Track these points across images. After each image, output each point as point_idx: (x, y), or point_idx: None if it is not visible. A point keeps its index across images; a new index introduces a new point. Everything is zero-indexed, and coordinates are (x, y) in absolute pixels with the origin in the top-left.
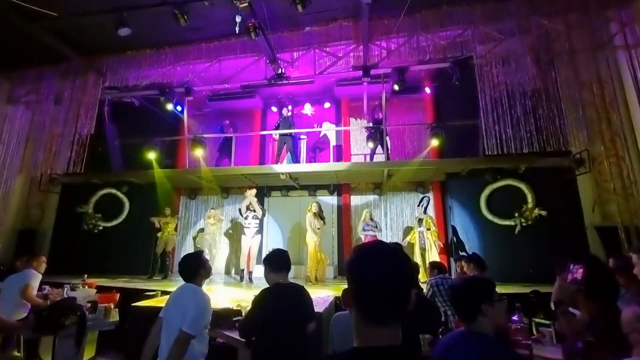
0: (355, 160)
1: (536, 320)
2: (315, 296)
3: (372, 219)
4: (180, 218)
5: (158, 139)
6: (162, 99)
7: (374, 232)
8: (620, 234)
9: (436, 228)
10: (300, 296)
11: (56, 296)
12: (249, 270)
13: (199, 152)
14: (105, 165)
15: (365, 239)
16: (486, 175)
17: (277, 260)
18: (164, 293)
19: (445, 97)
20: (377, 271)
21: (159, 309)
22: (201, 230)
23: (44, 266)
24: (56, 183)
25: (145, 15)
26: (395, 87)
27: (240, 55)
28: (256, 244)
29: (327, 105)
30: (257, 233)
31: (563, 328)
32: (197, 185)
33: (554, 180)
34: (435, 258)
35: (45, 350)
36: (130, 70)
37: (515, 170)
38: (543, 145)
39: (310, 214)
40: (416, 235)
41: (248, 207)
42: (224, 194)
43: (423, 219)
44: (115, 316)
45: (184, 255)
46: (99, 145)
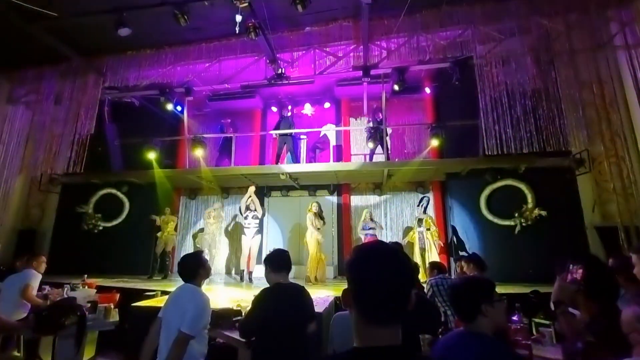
0: (355, 160)
1: (536, 320)
2: (315, 296)
3: (372, 219)
4: (180, 218)
5: (158, 139)
6: (162, 99)
7: (374, 232)
8: (620, 234)
9: (436, 228)
10: (300, 296)
11: (56, 296)
12: (249, 270)
13: (199, 152)
14: (105, 165)
15: (365, 239)
16: (486, 175)
17: (278, 260)
18: (164, 293)
19: (445, 97)
20: (377, 271)
21: (159, 309)
22: (201, 231)
23: (44, 266)
24: (56, 183)
25: (145, 15)
26: (395, 87)
27: (240, 55)
28: (256, 244)
29: (327, 105)
30: (257, 233)
31: (563, 328)
32: (197, 185)
33: (554, 180)
34: (435, 258)
35: (45, 350)
36: (130, 70)
37: (515, 170)
38: (543, 145)
39: (310, 214)
40: (416, 235)
41: (248, 207)
42: (224, 194)
43: (423, 219)
44: (115, 316)
45: (183, 255)
46: (99, 145)
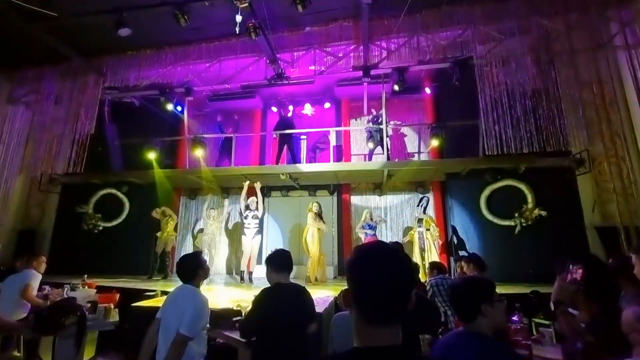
0: (355, 160)
1: (536, 320)
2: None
3: (372, 219)
4: (180, 218)
5: (158, 139)
6: (162, 99)
7: (374, 232)
8: (620, 234)
9: (437, 227)
10: (301, 296)
11: (56, 296)
12: (249, 270)
13: (199, 152)
14: (105, 165)
15: (365, 239)
16: (486, 176)
17: (280, 260)
18: (164, 293)
19: (445, 97)
20: (378, 271)
21: (159, 309)
22: (200, 231)
23: (44, 266)
24: (56, 183)
25: (145, 15)
26: (396, 87)
27: (241, 55)
28: (256, 244)
29: (327, 105)
30: (258, 233)
31: (563, 328)
32: (197, 185)
33: (554, 180)
34: (435, 258)
35: (45, 350)
36: (130, 71)
37: (515, 170)
38: (543, 146)
39: (311, 214)
40: (415, 235)
41: (248, 207)
42: (224, 194)
43: (423, 219)
44: (115, 316)
45: (182, 255)
46: (99, 145)
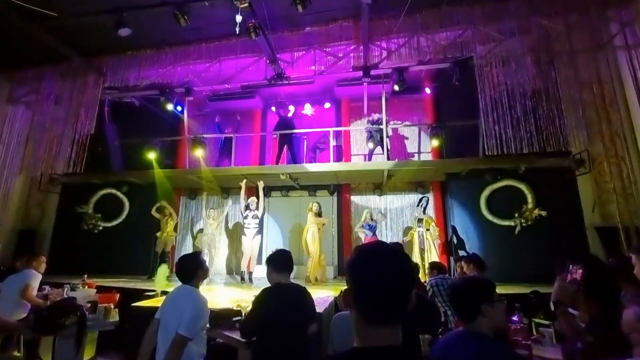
0: (355, 160)
1: (536, 320)
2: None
3: (372, 219)
4: (180, 218)
5: (158, 139)
6: (162, 99)
7: (374, 232)
8: (620, 235)
9: (437, 227)
10: (301, 297)
11: (56, 296)
12: (249, 270)
13: (199, 152)
14: (105, 165)
15: (365, 239)
16: (486, 176)
17: (280, 260)
18: (164, 293)
19: (445, 98)
20: (377, 271)
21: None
22: (200, 231)
23: (44, 266)
24: (56, 183)
25: (145, 15)
26: (396, 88)
27: (241, 55)
28: (257, 244)
29: (327, 105)
30: (258, 233)
31: (563, 328)
32: (197, 185)
33: (554, 180)
34: (435, 258)
35: (45, 350)
36: (130, 71)
37: (515, 170)
38: (543, 146)
39: (311, 214)
40: (415, 235)
41: (248, 206)
42: (224, 194)
43: (423, 219)
44: (115, 316)
45: (181, 256)
46: (99, 145)
